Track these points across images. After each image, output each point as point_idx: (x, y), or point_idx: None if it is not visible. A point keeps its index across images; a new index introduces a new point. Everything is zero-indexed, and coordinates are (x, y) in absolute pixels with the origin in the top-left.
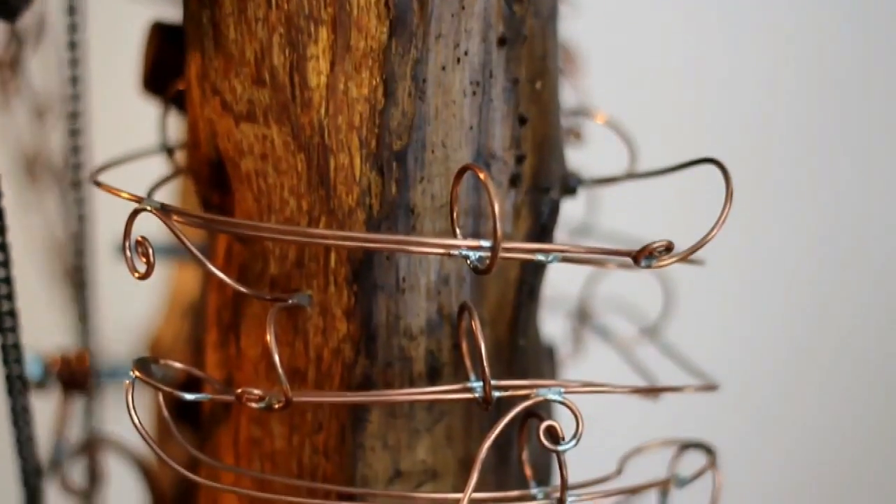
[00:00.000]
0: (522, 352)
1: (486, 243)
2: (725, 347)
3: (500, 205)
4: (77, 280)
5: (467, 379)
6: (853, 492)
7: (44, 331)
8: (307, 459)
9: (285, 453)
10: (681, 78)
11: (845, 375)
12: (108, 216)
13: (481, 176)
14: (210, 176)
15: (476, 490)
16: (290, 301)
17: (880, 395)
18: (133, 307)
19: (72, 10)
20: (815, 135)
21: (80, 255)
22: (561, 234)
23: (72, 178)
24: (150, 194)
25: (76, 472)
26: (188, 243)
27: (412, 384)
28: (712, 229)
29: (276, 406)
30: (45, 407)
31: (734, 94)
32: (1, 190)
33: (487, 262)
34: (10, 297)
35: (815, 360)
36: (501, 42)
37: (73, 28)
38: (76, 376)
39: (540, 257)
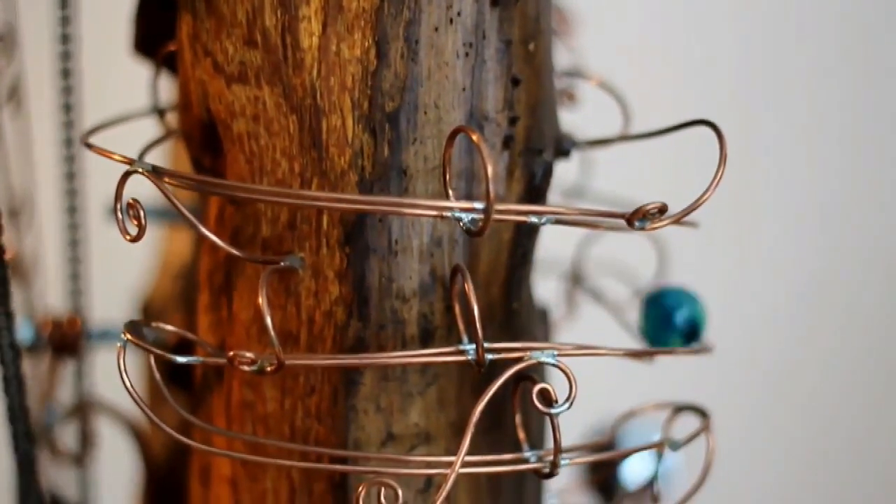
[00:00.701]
0: (515, 314)
1: (478, 205)
2: (719, 310)
3: (492, 166)
4: (68, 240)
5: (460, 341)
6: (850, 455)
7: (34, 294)
8: (299, 422)
9: (277, 416)
10: (675, 39)
11: (844, 338)
12: (99, 178)
13: (474, 138)
14: (202, 138)
15: (469, 453)
16: (282, 263)
17: (881, 354)
18: (124, 270)
19: None
20: (810, 93)
21: (72, 212)
22: (554, 196)
23: (63, 136)
24: (141, 156)
25: (68, 436)
26: (180, 206)
27: (405, 347)
28: (706, 191)
29: (269, 369)
30: (36, 371)
31: (730, 54)
32: None
33: (480, 224)
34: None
35: (812, 323)
36: (494, 3)
37: None
38: (67, 340)
39: (533, 219)
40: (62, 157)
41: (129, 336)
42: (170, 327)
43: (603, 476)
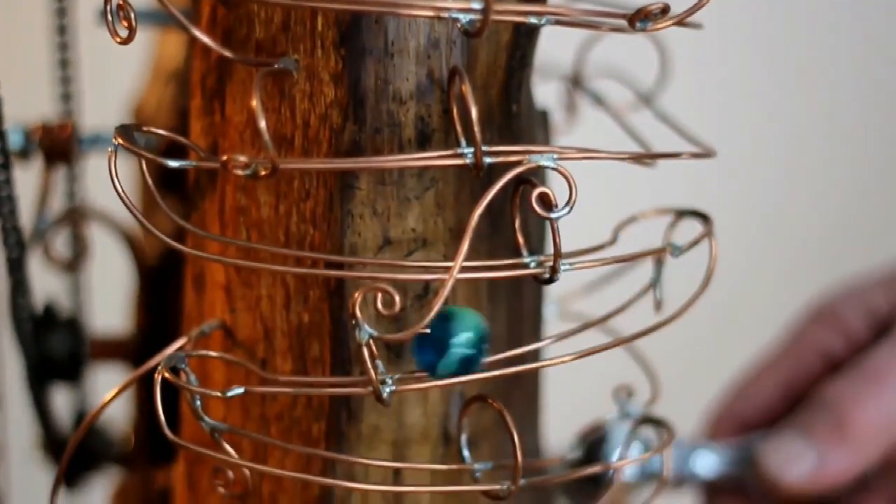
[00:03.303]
0: (514, 117)
1: (476, 5)
2: (722, 116)
3: None
4: (57, 43)
5: (458, 145)
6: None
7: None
8: (294, 228)
9: (272, 222)
10: None
11: (844, 146)
12: None
13: None
14: None
15: (467, 258)
16: (275, 66)
17: (882, 161)
18: (115, 74)
19: None
20: None
21: (61, 14)
22: None
23: None
24: None
25: (60, 244)
26: (171, 7)
27: (401, 150)
28: None
29: (263, 173)
30: (27, 178)
31: None
32: None
33: (478, 24)
34: None
35: (813, 131)
36: None
37: None
38: (58, 145)
39: (532, 20)
40: None
41: (120, 140)
42: (162, 132)
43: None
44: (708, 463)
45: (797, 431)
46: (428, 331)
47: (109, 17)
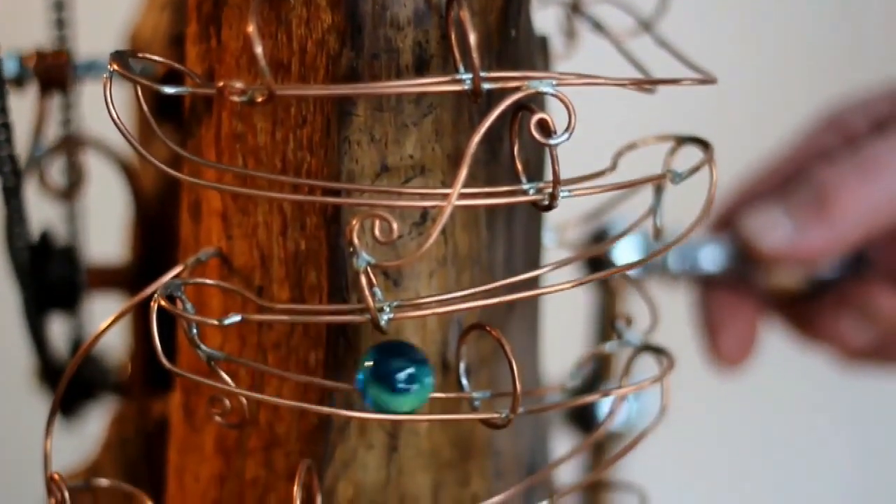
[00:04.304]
0: (513, 43)
1: None
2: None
3: None
4: None
5: (456, 71)
6: None
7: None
8: (291, 154)
9: (269, 148)
10: None
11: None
12: None
13: None
14: None
15: (466, 185)
16: None
17: None
18: (111, 0)
19: None
20: None
21: None
22: None
23: None
24: None
25: (55, 172)
26: None
27: (399, 76)
28: None
29: (259, 100)
30: (22, 105)
31: None
32: None
33: None
34: None
35: (814, 63)
36: None
37: None
38: (54, 72)
39: None
40: None
41: (115, 67)
42: (157, 58)
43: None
44: (708, 257)
45: (779, 202)
46: None
47: None
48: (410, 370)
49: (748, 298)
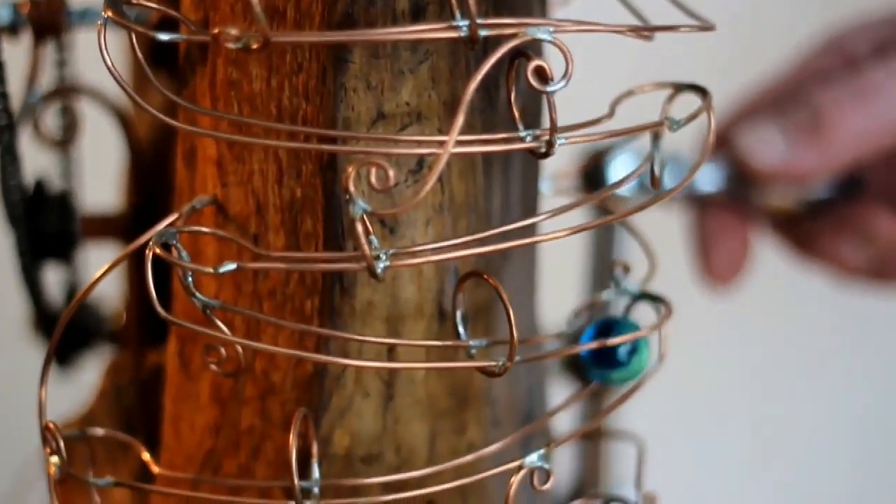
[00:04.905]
0: None
1: None
2: None
3: None
4: None
5: (453, 18)
6: None
7: None
8: (287, 101)
9: (264, 96)
10: None
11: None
12: None
13: None
14: None
15: (462, 133)
16: None
17: None
18: None
19: None
20: None
21: None
22: None
23: None
24: None
25: (50, 120)
26: None
27: (395, 23)
28: None
29: (254, 46)
30: (16, 53)
31: None
32: None
33: None
34: None
35: (813, 11)
36: None
37: None
38: (47, 19)
39: None
40: None
41: (109, 13)
42: (152, 5)
43: (594, 164)
44: (704, 177)
45: (774, 120)
46: None
47: None
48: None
49: (742, 217)
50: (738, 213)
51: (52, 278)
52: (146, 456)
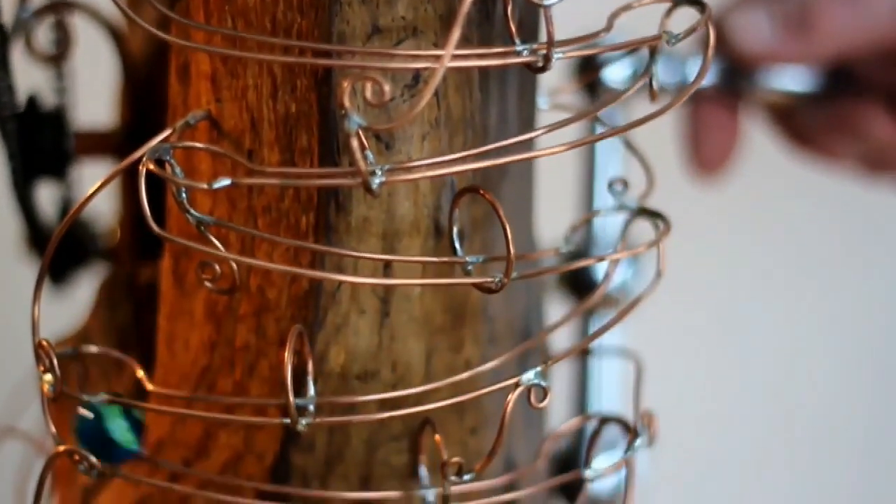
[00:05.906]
0: None
1: None
2: None
3: None
4: None
5: None
6: None
7: None
8: (281, 15)
9: (258, 9)
10: None
11: None
12: None
13: None
14: None
15: (458, 47)
16: None
17: None
18: None
19: None
20: None
21: None
22: None
23: None
24: None
25: (42, 35)
26: None
27: None
28: None
29: None
30: None
31: None
32: None
33: None
34: None
35: None
36: None
37: None
38: None
39: None
40: None
41: None
42: None
43: (591, 77)
44: (696, 69)
45: (764, 7)
46: None
47: None
48: None
49: (733, 109)
50: (729, 106)
51: (46, 195)
52: (140, 373)
